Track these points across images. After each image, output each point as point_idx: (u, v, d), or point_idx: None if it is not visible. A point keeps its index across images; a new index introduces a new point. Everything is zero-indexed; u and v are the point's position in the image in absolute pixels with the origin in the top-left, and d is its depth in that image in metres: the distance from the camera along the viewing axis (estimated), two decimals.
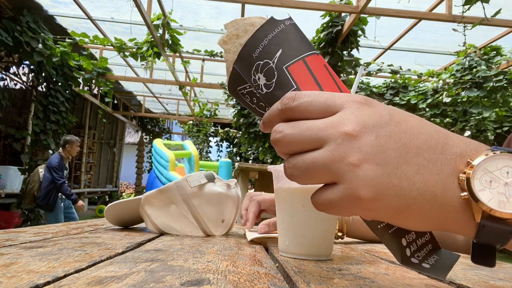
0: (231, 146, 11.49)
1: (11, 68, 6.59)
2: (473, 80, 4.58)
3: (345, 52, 4.15)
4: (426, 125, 0.28)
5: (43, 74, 5.18)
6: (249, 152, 8.42)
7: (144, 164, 10.74)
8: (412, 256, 0.30)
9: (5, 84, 6.71)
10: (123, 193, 11.26)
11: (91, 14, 4.99)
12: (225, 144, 11.51)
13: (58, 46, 5.03)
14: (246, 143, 5.86)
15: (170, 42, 4.91)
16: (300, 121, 0.29)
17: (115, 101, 10.01)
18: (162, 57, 5.05)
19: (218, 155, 11.19)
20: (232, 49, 0.37)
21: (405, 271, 0.43)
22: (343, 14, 4.03)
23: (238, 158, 10.62)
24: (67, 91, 5.55)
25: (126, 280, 0.30)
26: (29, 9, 4.65)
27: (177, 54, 5.61)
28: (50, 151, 5.25)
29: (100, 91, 7.86)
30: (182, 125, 11.26)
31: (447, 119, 5.34)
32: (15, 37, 4.47)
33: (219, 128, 11.27)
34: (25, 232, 0.60)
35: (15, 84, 7.64)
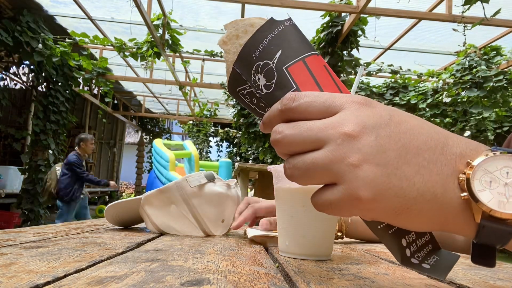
0: (231, 146, 11.49)
1: (11, 68, 6.60)
2: (473, 80, 4.58)
3: (345, 52, 4.15)
4: (426, 126, 0.28)
5: (43, 74, 5.18)
6: (249, 152, 8.42)
7: (144, 164, 10.74)
8: (412, 257, 0.30)
9: (5, 84, 6.72)
10: (123, 193, 11.25)
11: (91, 14, 4.99)
12: (225, 144, 11.51)
13: (58, 46, 5.03)
14: (246, 143, 5.86)
15: (170, 42, 4.91)
16: (300, 122, 0.29)
17: (115, 101, 10.01)
18: (162, 57, 5.05)
19: (218, 155, 11.19)
20: (232, 50, 0.37)
21: (405, 271, 0.43)
22: (343, 14, 4.03)
23: (238, 158, 10.62)
24: (67, 91, 5.55)
25: (126, 280, 0.30)
26: (29, 9, 4.64)
27: (177, 54, 5.61)
28: (50, 151, 5.25)
29: (100, 91, 7.85)
30: (182, 125, 11.26)
31: (447, 119, 5.34)
32: (15, 37, 4.47)
33: (219, 128, 11.27)
34: (25, 232, 0.60)
35: (15, 84, 7.65)
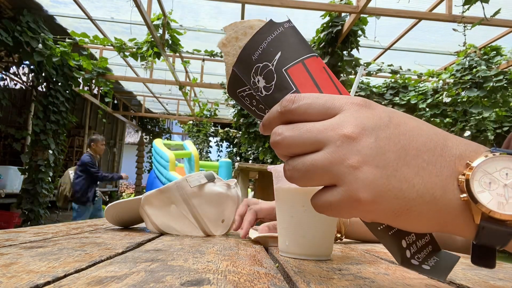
0: (231, 146, 11.48)
1: (11, 68, 6.59)
2: (473, 80, 4.58)
3: (345, 52, 4.15)
4: (425, 127, 0.29)
5: (43, 74, 5.18)
6: (249, 152, 8.42)
7: (144, 164, 10.73)
8: (412, 258, 0.30)
9: (5, 84, 6.72)
10: (123, 193, 11.25)
11: (91, 14, 4.99)
12: (225, 144, 11.51)
13: (58, 46, 5.03)
14: (246, 143, 5.86)
15: (170, 42, 4.90)
16: (300, 124, 0.29)
17: (115, 101, 10.00)
18: (162, 57, 5.05)
19: (218, 155, 11.19)
20: (232, 52, 0.37)
21: (405, 271, 0.43)
22: (343, 14, 4.02)
23: (238, 158, 10.62)
24: (67, 91, 5.54)
25: (126, 280, 0.30)
26: (29, 9, 4.64)
27: (177, 54, 5.61)
28: (50, 151, 5.25)
29: (100, 91, 7.85)
30: (182, 125, 11.25)
31: (447, 119, 5.34)
32: (15, 37, 4.46)
33: (219, 128, 11.27)
34: (25, 232, 0.60)
35: (15, 84, 7.64)
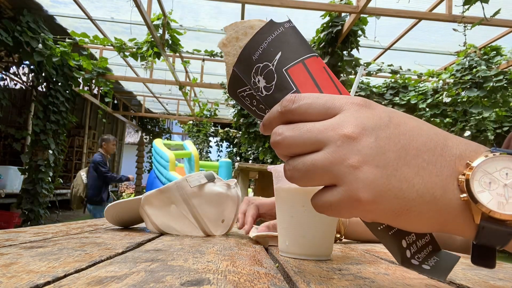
0: (231, 146, 11.49)
1: (11, 68, 6.59)
2: (473, 80, 4.58)
3: (345, 52, 4.15)
4: (425, 127, 0.28)
5: (43, 74, 5.18)
6: (249, 152, 8.42)
7: (144, 164, 10.73)
8: (412, 258, 0.30)
9: (5, 84, 6.71)
10: (123, 193, 11.25)
11: (91, 14, 4.99)
12: (225, 144, 11.51)
13: (58, 46, 5.03)
14: (246, 143, 5.86)
15: (170, 42, 4.90)
16: (300, 124, 0.29)
17: (115, 101, 10.00)
18: (162, 57, 5.05)
19: (218, 155, 11.19)
20: (232, 52, 0.37)
21: (405, 271, 0.43)
22: (343, 14, 4.02)
23: (238, 158, 10.62)
24: (67, 91, 5.54)
25: (126, 280, 0.30)
26: (29, 9, 4.64)
27: (177, 54, 5.61)
28: (50, 151, 5.26)
29: (100, 91, 7.85)
30: (182, 125, 11.26)
31: (447, 119, 5.34)
32: (15, 37, 4.46)
33: (219, 128, 11.27)
34: (25, 232, 0.60)
35: (15, 84, 7.65)
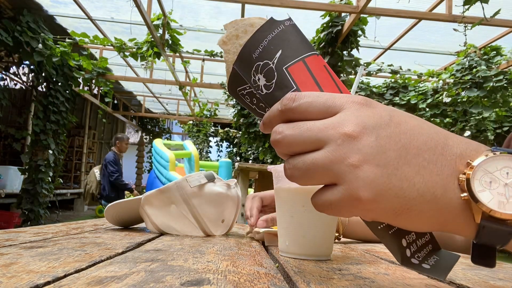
0: (231, 146, 11.49)
1: (11, 68, 6.59)
2: (473, 80, 4.58)
3: (345, 52, 4.15)
4: (426, 126, 0.28)
5: (43, 74, 5.18)
6: (249, 152, 8.42)
7: (144, 164, 10.73)
8: (412, 257, 0.30)
9: (5, 84, 6.71)
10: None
11: (91, 14, 4.99)
12: (225, 144, 11.52)
13: (58, 46, 5.03)
14: (246, 143, 5.86)
15: (170, 42, 4.90)
16: (300, 122, 0.29)
17: (115, 101, 10.00)
18: (162, 57, 5.05)
19: (218, 155, 11.20)
20: (232, 50, 0.37)
21: (405, 271, 0.43)
22: (343, 14, 4.02)
23: (238, 158, 10.62)
24: (67, 91, 5.54)
25: (126, 280, 0.30)
26: (29, 9, 4.64)
27: (177, 54, 5.61)
28: (50, 151, 5.26)
29: (100, 91, 7.85)
30: (182, 125, 11.26)
31: (447, 119, 5.34)
32: (15, 37, 4.46)
33: (219, 128, 11.27)
34: (25, 232, 0.60)
35: (15, 84, 7.65)
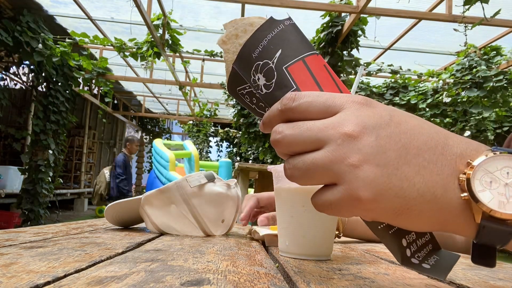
0: (231, 146, 11.49)
1: (11, 68, 6.59)
2: (473, 80, 4.58)
3: (345, 52, 4.15)
4: (426, 126, 0.28)
5: (43, 74, 5.18)
6: (249, 152, 8.42)
7: (144, 164, 10.74)
8: (413, 257, 0.30)
9: (5, 84, 6.71)
10: None
11: (91, 14, 4.99)
12: (225, 144, 11.52)
13: (58, 46, 5.03)
14: (246, 143, 5.86)
15: (170, 42, 4.90)
16: (300, 122, 0.29)
17: (115, 101, 10.01)
18: (162, 57, 5.05)
19: (218, 155, 11.20)
20: (232, 49, 0.37)
21: (405, 271, 0.43)
22: (343, 14, 4.02)
23: (238, 158, 10.62)
24: (67, 91, 5.54)
25: (126, 280, 0.30)
26: (29, 9, 4.64)
27: (177, 54, 5.61)
28: (50, 151, 5.26)
29: (100, 91, 7.85)
30: (182, 125, 11.26)
31: (447, 119, 5.34)
32: (15, 37, 4.46)
33: (219, 128, 11.27)
34: (25, 232, 0.60)
35: (15, 84, 7.65)
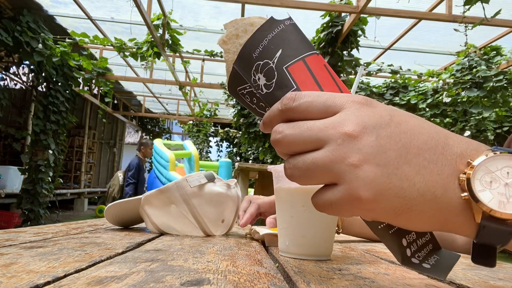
0: (231, 146, 11.50)
1: (11, 68, 6.59)
2: (473, 80, 4.58)
3: (345, 52, 4.15)
4: (427, 126, 0.28)
5: (43, 74, 5.18)
6: (249, 152, 8.42)
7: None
8: (413, 256, 0.30)
9: (5, 84, 6.71)
10: None
11: (91, 14, 4.99)
12: (225, 144, 11.52)
13: (58, 46, 5.03)
14: (246, 143, 5.86)
15: (170, 42, 4.91)
16: (300, 122, 0.29)
17: (115, 101, 10.01)
18: (162, 57, 5.05)
19: (218, 155, 11.20)
20: (232, 49, 0.37)
21: (405, 271, 0.43)
22: (343, 14, 4.02)
23: (238, 158, 10.62)
24: (67, 91, 5.54)
25: (126, 280, 0.30)
26: (29, 9, 4.64)
27: (177, 54, 5.61)
28: (50, 151, 5.26)
29: (100, 91, 7.85)
30: (182, 125, 11.26)
31: (447, 119, 5.34)
32: (15, 37, 4.46)
33: (219, 128, 11.28)
34: (25, 232, 0.60)
35: (15, 84, 7.65)
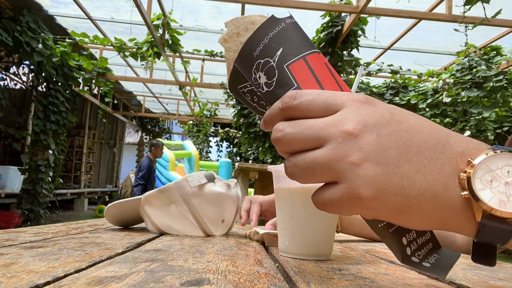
0: (231, 146, 11.50)
1: (11, 68, 6.60)
2: (473, 80, 4.58)
3: (345, 52, 4.15)
4: (427, 124, 0.28)
5: (43, 74, 5.18)
6: (249, 152, 8.42)
7: None
8: (413, 255, 0.30)
9: (5, 84, 6.71)
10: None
11: (91, 14, 4.99)
12: (225, 144, 11.53)
13: (58, 46, 5.03)
14: (246, 143, 5.86)
15: (170, 42, 4.91)
16: (301, 120, 0.29)
17: (115, 101, 10.01)
18: (162, 57, 5.05)
19: (218, 155, 11.21)
20: (233, 48, 0.37)
21: (405, 271, 0.43)
22: (343, 14, 4.02)
23: (238, 158, 10.63)
24: (67, 91, 5.54)
25: (126, 280, 0.30)
26: (29, 9, 4.64)
27: (177, 54, 5.61)
28: (50, 151, 5.25)
29: (100, 91, 7.85)
30: (182, 125, 11.27)
31: (447, 119, 5.34)
32: (15, 37, 4.46)
33: (219, 128, 11.28)
34: (25, 232, 0.60)
35: (15, 84, 7.65)
